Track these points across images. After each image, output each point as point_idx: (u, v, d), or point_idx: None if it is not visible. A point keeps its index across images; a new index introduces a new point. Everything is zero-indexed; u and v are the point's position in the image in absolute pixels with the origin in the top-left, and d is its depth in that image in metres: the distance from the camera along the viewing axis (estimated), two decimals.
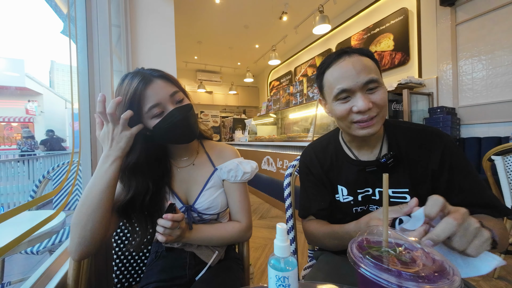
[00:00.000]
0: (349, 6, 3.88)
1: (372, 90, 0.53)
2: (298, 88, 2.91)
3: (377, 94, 0.53)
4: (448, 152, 0.54)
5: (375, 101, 0.53)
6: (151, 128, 0.55)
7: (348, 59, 0.54)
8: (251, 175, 0.69)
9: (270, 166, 2.91)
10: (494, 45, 2.26)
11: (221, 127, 5.79)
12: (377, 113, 0.54)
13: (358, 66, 0.52)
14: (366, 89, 0.53)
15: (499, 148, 1.19)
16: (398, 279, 0.25)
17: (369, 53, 0.56)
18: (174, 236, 0.55)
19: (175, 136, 0.58)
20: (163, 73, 0.57)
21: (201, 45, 5.25)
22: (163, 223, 0.52)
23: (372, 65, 0.54)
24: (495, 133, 2.25)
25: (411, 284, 0.24)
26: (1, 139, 6.68)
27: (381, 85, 0.54)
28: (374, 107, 0.53)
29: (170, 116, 0.55)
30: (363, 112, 0.53)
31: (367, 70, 0.52)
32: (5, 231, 0.72)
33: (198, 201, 0.66)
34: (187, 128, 0.58)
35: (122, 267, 0.71)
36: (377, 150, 0.61)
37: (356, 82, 0.52)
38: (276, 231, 0.35)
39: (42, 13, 27.71)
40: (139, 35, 1.51)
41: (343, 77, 0.53)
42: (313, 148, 0.72)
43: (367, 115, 0.53)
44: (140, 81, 0.52)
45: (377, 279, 0.25)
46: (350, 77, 0.52)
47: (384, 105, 0.54)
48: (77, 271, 0.59)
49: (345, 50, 0.56)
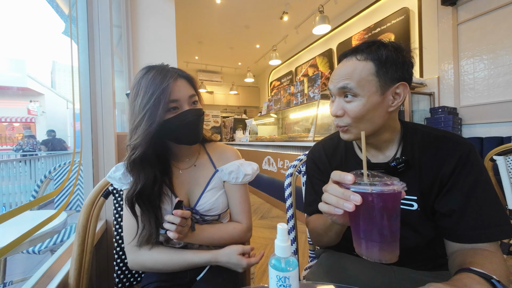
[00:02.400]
0: (350, 5, 3.87)
1: (347, 99, 0.52)
2: (299, 88, 2.91)
3: (350, 104, 0.52)
4: (462, 163, 0.50)
5: (346, 110, 0.52)
6: (161, 121, 0.55)
7: (344, 61, 0.54)
8: (252, 176, 0.69)
9: (271, 166, 2.91)
10: (496, 44, 2.26)
11: (222, 127, 5.79)
12: (347, 123, 0.53)
13: (342, 71, 0.52)
14: (342, 95, 0.53)
15: (501, 148, 1.18)
16: (370, 186, 0.36)
17: (378, 56, 0.50)
18: (183, 234, 0.56)
19: (181, 135, 0.60)
20: (188, 75, 0.62)
21: (202, 45, 5.26)
22: (172, 219, 0.53)
23: (360, 72, 0.50)
24: (497, 133, 2.24)
25: (379, 186, 0.35)
26: (3, 139, 6.71)
27: (357, 95, 0.50)
28: (346, 116, 0.53)
29: (184, 114, 0.58)
30: (336, 117, 0.54)
31: (346, 76, 0.51)
32: (7, 230, 0.72)
33: (200, 203, 0.66)
34: (194, 130, 0.61)
35: (123, 267, 0.71)
36: (390, 152, 0.59)
37: (334, 86, 0.53)
38: (276, 231, 0.35)
39: (43, 14, 27.84)
40: (140, 35, 1.51)
41: (331, 78, 0.55)
42: (323, 145, 0.71)
43: (337, 122, 0.54)
44: (168, 75, 0.56)
45: (358, 190, 0.36)
46: (333, 80, 0.54)
47: (356, 117, 0.51)
48: (78, 271, 0.59)
49: (346, 52, 0.55)
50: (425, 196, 0.54)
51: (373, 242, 0.36)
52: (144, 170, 0.57)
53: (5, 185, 2.75)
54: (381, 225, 0.36)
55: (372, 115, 0.51)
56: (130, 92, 0.59)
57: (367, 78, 0.50)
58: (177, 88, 0.57)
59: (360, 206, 0.35)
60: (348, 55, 0.54)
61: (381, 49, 0.50)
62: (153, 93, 0.54)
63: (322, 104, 2.44)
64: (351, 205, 0.35)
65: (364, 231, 0.37)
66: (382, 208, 0.35)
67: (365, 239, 0.37)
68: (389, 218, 0.36)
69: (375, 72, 0.50)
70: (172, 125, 0.57)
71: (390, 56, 0.50)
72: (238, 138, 4.34)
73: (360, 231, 0.38)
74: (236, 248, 0.58)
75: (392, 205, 0.36)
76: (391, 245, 0.36)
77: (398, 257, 0.37)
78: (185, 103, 0.59)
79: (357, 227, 0.38)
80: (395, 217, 0.36)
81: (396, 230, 0.37)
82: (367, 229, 0.37)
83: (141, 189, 0.56)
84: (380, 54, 0.50)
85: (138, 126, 0.54)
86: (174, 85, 0.56)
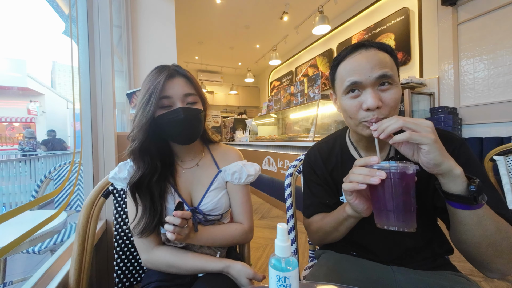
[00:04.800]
0: (350, 5, 3.87)
1: (384, 87, 0.50)
2: (299, 88, 2.91)
3: (388, 92, 0.50)
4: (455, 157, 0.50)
5: (385, 100, 0.49)
6: (152, 117, 0.58)
7: (365, 52, 0.51)
8: (254, 177, 0.70)
9: (271, 166, 2.91)
10: (496, 44, 2.26)
11: (222, 127, 5.79)
12: (385, 115, 0.49)
13: (373, 60, 0.50)
14: (378, 85, 0.50)
15: (501, 148, 1.18)
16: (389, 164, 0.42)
17: (388, 48, 0.53)
18: (182, 235, 0.55)
19: (172, 133, 0.60)
20: (187, 74, 0.62)
21: (202, 45, 5.26)
22: (172, 220, 0.52)
23: (389, 61, 0.51)
24: (497, 133, 2.24)
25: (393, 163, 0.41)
26: (3, 139, 6.70)
27: (396, 83, 0.51)
28: (384, 106, 0.49)
29: (173, 112, 0.58)
30: (372, 110, 0.50)
31: (382, 64, 0.49)
32: (7, 230, 0.72)
33: (203, 203, 0.66)
34: (187, 130, 0.60)
35: (123, 267, 0.71)
36: (386, 152, 0.59)
37: (369, 76, 0.49)
38: (277, 231, 0.35)
39: (43, 14, 27.80)
40: (140, 35, 1.51)
41: (356, 70, 0.51)
42: (318, 148, 0.71)
43: (375, 115, 0.49)
44: (165, 72, 0.58)
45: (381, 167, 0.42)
46: (363, 70, 0.50)
47: (394, 106, 0.51)
48: (78, 271, 0.59)
49: (363, 43, 0.53)
50: (422, 195, 0.54)
51: (394, 213, 0.41)
52: (144, 159, 0.60)
53: (5, 185, 2.75)
54: (400, 198, 0.41)
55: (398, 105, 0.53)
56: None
57: (393, 66, 0.52)
58: (171, 85, 0.58)
59: (382, 183, 0.41)
60: (367, 46, 0.52)
61: (385, 45, 0.54)
62: (148, 89, 0.57)
63: (322, 104, 2.44)
64: (377, 179, 0.40)
65: (385, 204, 0.42)
66: (400, 183, 0.41)
67: (387, 211, 0.42)
68: (406, 192, 0.41)
69: (394, 62, 0.53)
70: (163, 122, 0.58)
71: (393, 52, 0.54)
72: (238, 138, 4.34)
73: (382, 205, 0.43)
74: (248, 272, 0.57)
75: (408, 181, 0.41)
76: (408, 214, 0.41)
77: (415, 228, 0.41)
78: (178, 101, 0.59)
79: (379, 201, 0.43)
80: (412, 192, 0.42)
81: (413, 203, 0.42)
82: (388, 202, 0.42)
83: (140, 177, 0.58)
84: (389, 49, 0.53)
85: (135, 120, 0.59)
86: (167, 82, 0.58)
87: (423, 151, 0.41)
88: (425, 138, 0.40)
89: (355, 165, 0.46)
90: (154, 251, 0.60)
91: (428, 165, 0.42)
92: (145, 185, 0.59)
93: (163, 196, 0.62)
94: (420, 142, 0.41)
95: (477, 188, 0.40)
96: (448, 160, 0.42)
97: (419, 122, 0.42)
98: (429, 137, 0.40)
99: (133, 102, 1.31)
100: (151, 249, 0.60)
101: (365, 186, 0.42)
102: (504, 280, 1.32)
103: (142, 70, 1.49)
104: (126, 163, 0.64)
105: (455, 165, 0.42)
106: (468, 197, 0.41)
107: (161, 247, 0.61)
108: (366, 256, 0.61)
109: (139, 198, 0.59)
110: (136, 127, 0.58)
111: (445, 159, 0.41)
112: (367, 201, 0.47)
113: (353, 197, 0.46)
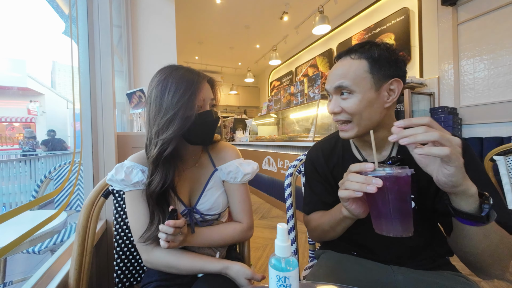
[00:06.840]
0: (350, 5, 3.87)
1: (343, 96, 0.55)
2: (299, 88, 2.91)
3: (346, 101, 0.54)
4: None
5: (343, 107, 0.54)
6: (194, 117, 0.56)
7: (339, 62, 0.57)
8: (251, 175, 0.69)
9: (271, 166, 2.91)
10: (496, 44, 2.25)
11: (222, 127, 5.79)
12: (346, 118, 0.55)
13: (337, 70, 0.55)
14: (339, 93, 0.55)
15: (501, 148, 1.18)
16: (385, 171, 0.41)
17: (371, 54, 0.53)
18: (177, 242, 0.55)
19: (201, 133, 0.61)
20: (212, 80, 0.66)
21: (202, 45, 5.26)
22: (165, 230, 0.51)
23: (354, 70, 0.52)
24: (497, 133, 2.24)
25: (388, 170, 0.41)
26: (3, 139, 6.70)
27: (353, 92, 0.53)
28: (343, 112, 0.55)
29: (207, 113, 0.60)
30: (334, 115, 0.57)
31: (341, 76, 0.54)
32: (7, 230, 0.72)
33: (200, 202, 0.66)
34: (211, 131, 0.63)
35: (123, 267, 0.71)
36: (386, 152, 0.60)
37: (330, 86, 0.56)
38: (276, 231, 0.35)
39: (43, 14, 27.72)
40: (140, 35, 1.51)
41: (328, 79, 0.58)
42: (321, 146, 0.71)
43: (337, 118, 0.57)
44: (201, 75, 0.60)
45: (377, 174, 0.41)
46: (329, 80, 0.57)
47: (354, 113, 0.53)
48: (78, 271, 0.59)
49: (340, 54, 0.58)
50: (422, 196, 0.54)
51: (391, 220, 0.42)
52: (172, 164, 0.59)
53: (5, 185, 2.75)
54: (396, 204, 0.41)
55: (370, 111, 0.53)
56: (150, 89, 0.59)
57: (361, 76, 0.52)
58: (205, 89, 0.61)
59: (378, 190, 0.40)
60: (342, 56, 0.57)
61: (374, 48, 0.53)
62: (186, 89, 0.56)
63: (322, 104, 2.44)
64: (374, 187, 0.40)
65: (382, 211, 0.42)
66: (396, 189, 0.41)
67: (384, 218, 0.42)
68: (403, 198, 0.41)
69: (369, 69, 0.52)
70: (199, 122, 0.59)
71: (382, 54, 0.53)
72: (238, 138, 4.34)
73: (379, 212, 0.43)
74: (246, 272, 0.57)
75: (404, 187, 0.41)
76: (405, 220, 0.41)
77: (413, 232, 0.41)
78: (207, 104, 0.61)
79: (376, 208, 0.43)
80: (408, 197, 0.42)
81: (409, 207, 0.42)
82: (385, 209, 0.42)
83: (163, 185, 0.57)
84: (373, 53, 0.53)
85: (172, 120, 0.54)
86: (203, 85, 0.60)
87: (446, 172, 0.38)
88: (455, 160, 0.37)
89: (349, 170, 0.45)
90: (153, 251, 0.60)
91: (445, 185, 0.40)
92: (161, 193, 0.58)
93: (168, 202, 0.61)
94: (450, 164, 0.37)
95: (490, 207, 0.39)
96: (466, 181, 0.39)
97: (452, 140, 0.38)
98: (460, 160, 0.37)
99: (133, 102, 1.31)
100: (150, 249, 0.60)
101: (361, 194, 0.42)
102: (504, 280, 1.32)
103: (142, 70, 1.49)
104: (122, 165, 0.62)
105: (471, 185, 0.40)
106: (481, 217, 0.39)
107: (160, 248, 0.60)
108: (366, 255, 0.61)
109: (155, 205, 0.58)
110: (175, 129, 0.54)
111: (464, 181, 0.39)
112: (364, 203, 0.47)
113: (349, 203, 0.47)
